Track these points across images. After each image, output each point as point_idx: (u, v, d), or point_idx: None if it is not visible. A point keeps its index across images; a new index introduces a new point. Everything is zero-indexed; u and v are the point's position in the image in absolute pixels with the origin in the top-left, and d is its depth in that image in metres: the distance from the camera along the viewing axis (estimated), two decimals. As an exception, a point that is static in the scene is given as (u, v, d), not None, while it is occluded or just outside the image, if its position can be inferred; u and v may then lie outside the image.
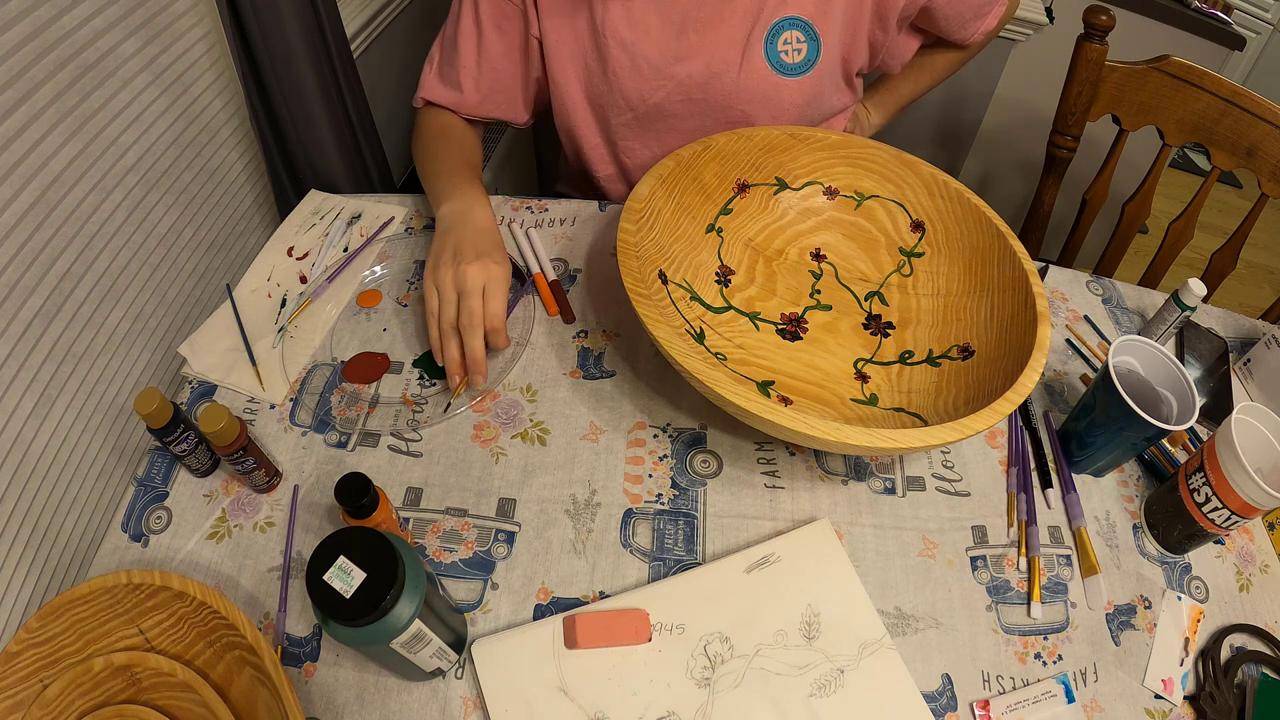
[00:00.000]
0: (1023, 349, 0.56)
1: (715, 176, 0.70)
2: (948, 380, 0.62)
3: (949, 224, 0.69)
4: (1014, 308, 0.61)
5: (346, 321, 0.70)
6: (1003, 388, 0.53)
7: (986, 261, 0.66)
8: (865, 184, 0.73)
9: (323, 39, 0.94)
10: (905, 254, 0.71)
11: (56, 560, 0.75)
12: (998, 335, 0.61)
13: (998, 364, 0.59)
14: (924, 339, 0.66)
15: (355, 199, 0.82)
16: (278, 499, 0.58)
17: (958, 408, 0.58)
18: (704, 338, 0.63)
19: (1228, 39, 1.34)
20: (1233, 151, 0.87)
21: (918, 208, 0.71)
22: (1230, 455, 0.52)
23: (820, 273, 0.72)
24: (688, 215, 0.69)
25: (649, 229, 0.63)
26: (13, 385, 0.69)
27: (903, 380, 0.64)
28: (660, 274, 0.63)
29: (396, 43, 1.39)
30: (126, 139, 0.80)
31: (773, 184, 0.73)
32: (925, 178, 0.70)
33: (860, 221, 0.74)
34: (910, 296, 0.70)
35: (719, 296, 0.68)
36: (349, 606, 0.38)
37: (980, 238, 0.66)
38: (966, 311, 0.65)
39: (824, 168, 0.73)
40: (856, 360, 0.66)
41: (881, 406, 0.62)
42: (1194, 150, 2.30)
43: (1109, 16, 0.86)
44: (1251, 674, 0.53)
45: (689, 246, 0.68)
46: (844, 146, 0.72)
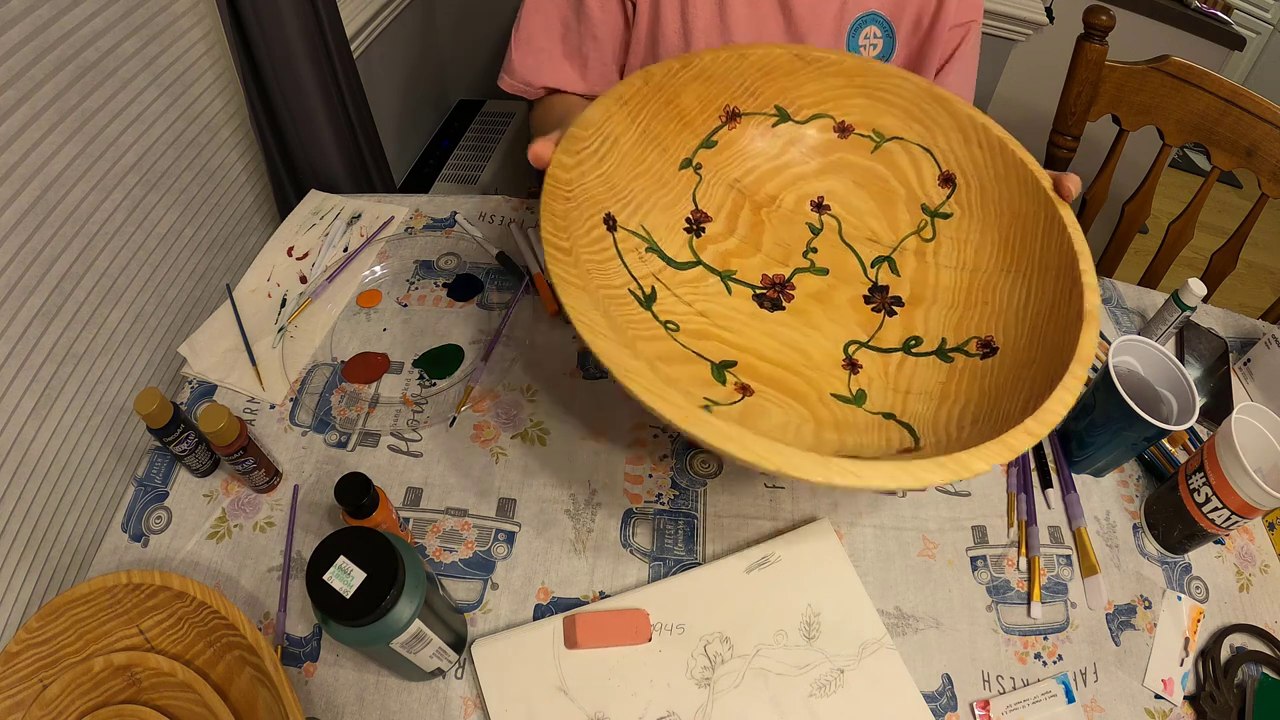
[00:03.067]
0: (1058, 356, 0.45)
1: (697, 100, 0.57)
2: (958, 382, 0.50)
3: (985, 180, 0.56)
4: (1055, 298, 0.49)
5: (346, 321, 0.70)
6: (1024, 408, 0.42)
7: (1028, 233, 0.53)
8: (886, 121, 0.60)
9: (323, 39, 0.94)
10: (929, 213, 0.58)
11: (56, 560, 0.75)
12: (1030, 331, 0.50)
13: (1024, 371, 0.47)
14: (938, 323, 0.54)
15: (355, 199, 0.82)
16: (278, 499, 0.58)
17: (961, 427, 0.46)
18: (654, 300, 0.52)
19: (1228, 39, 1.34)
20: (1233, 151, 0.87)
21: (949, 156, 0.58)
22: (1230, 455, 0.52)
23: (820, 226, 0.60)
24: (656, 146, 0.56)
25: (596, 162, 0.51)
26: (13, 385, 0.69)
27: (902, 374, 0.53)
28: (607, 218, 0.51)
29: (396, 43, 1.39)
30: (126, 139, 0.80)
31: (771, 114, 0.60)
32: (961, 119, 0.57)
33: (877, 167, 0.60)
34: (928, 267, 0.57)
35: (686, 248, 0.56)
36: (349, 606, 0.38)
37: (1023, 202, 0.54)
38: (996, 294, 0.53)
39: (836, 98, 0.60)
40: (848, 343, 0.55)
41: (868, 409, 0.51)
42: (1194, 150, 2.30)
43: (1109, 16, 0.86)
44: (1251, 674, 0.53)
45: (655, 185, 0.56)
46: (862, 74, 0.59)
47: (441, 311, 0.71)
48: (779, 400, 0.50)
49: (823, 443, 0.47)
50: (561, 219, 0.44)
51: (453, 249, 0.76)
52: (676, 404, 0.37)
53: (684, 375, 0.48)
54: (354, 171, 1.06)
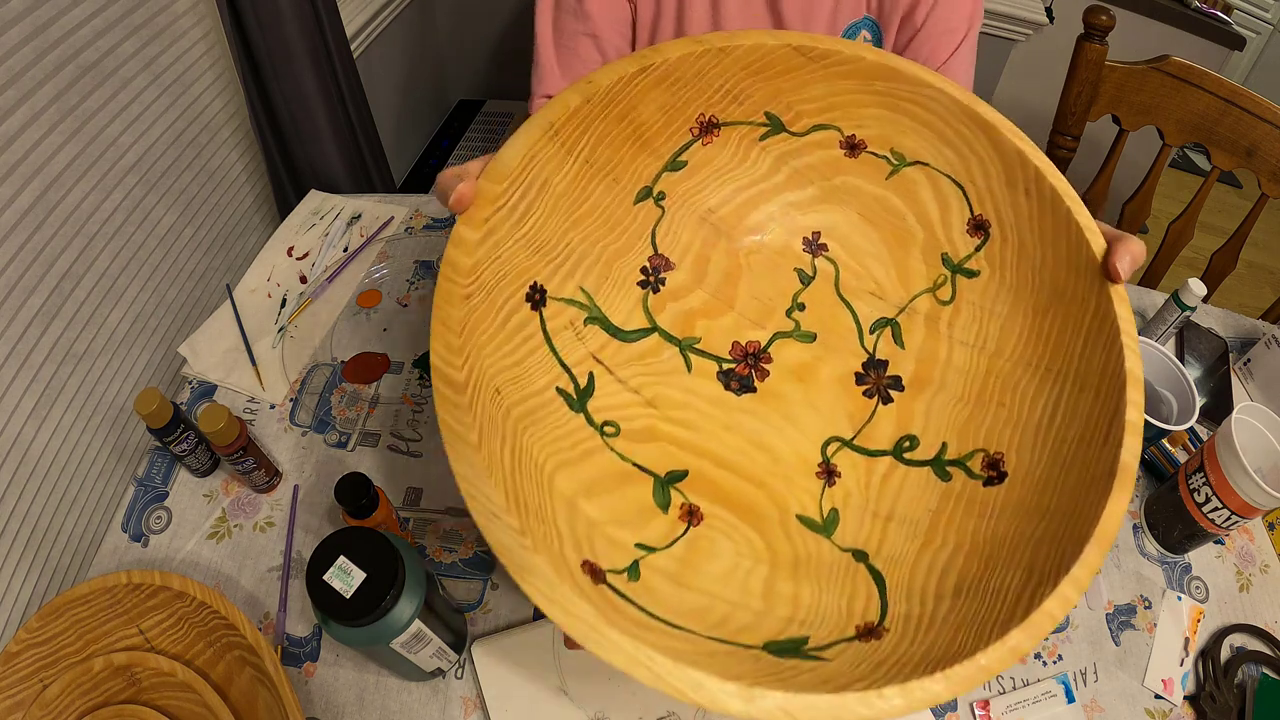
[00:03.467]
0: (1074, 520, 0.34)
1: (660, 112, 0.44)
2: (951, 515, 0.40)
3: (1028, 238, 0.43)
4: (1087, 429, 0.37)
5: (346, 321, 0.70)
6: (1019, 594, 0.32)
7: (1070, 324, 0.40)
8: (909, 142, 0.46)
9: (323, 39, 0.94)
10: (951, 266, 0.46)
11: (56, 560, 0.75)
12: (1049, 463, 0.38)
13: (1031, 524, 0.36)
14: (941, 420, 0.44)
15: (355, 199, 0.82)
16: (278, 499, 0.58)
17: (940, 597, 0.36)
18: (589, 394, 0.42)
19: (1228, 39, 1.34)
20: (1233, 151, 0.87)
21: (985, 197, 0.45)
22: (1230, 455, 0.52)
23: (812, 274, 0.48)
24: (604, 177, 0.43)
25: (515, 223, 0.39)
26: (13, 385, 0.69)
27: (887, 490, 0.42)
28: (532, 291, 0.40)
29: (396, 43, 1.39)
30: (126, 139, 0.80)
31: (760, 123, 0.46)
32: (1008, 153, 0.42)
33: (891, 199, 0.47)
34: (940, 339, 0.45)
35: (639, 310, 0.45)
36: (349, 606, 0.38)
37: (1071, 279, 0.40)
38: (1017, 396, 0.42)
39: (847, 105, 0.46)
40: (828, 441, 0.44)
41: (837, 541, 0.41)
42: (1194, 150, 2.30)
43: (1109, 16, 0.86)
44: (1251, 674, 0.53)
45: (601, 228, 0.44)
46: (885, 76, 0.44)
47: (441, 311, 0.70)
48: (732, 528, 0.41)
49: (772, 604, 0.38)
50: (457, 331, 0.34)
51: (453, 249, 0.76)
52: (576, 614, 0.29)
53: (616, 508, 0.39)
54: (354, 171, 1.06)
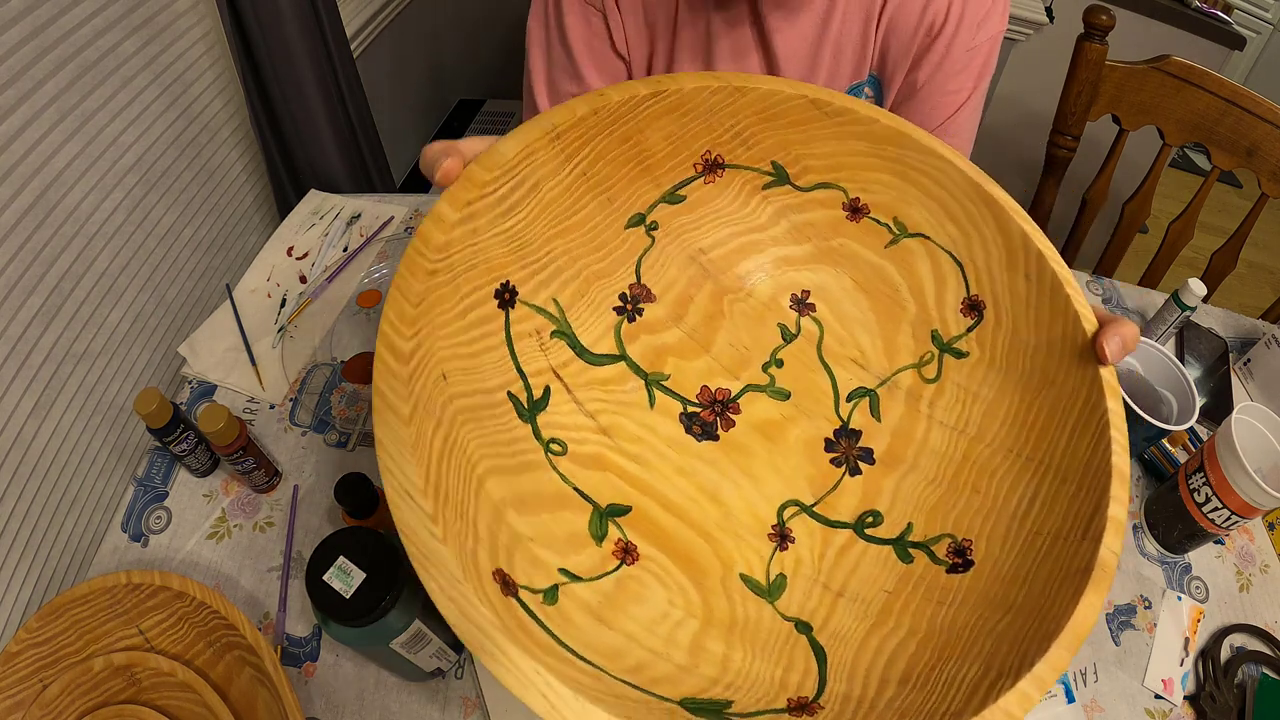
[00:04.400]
0: (1042, 617, 0.32)
1: (666, 141, 0.43)
2: (908, 600, 0.38)
3: (1022, 323, 0.42)
4: (1065, 524, 0.35)
5: (346, 321, 0.70)
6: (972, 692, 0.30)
7: (1056, 415, 0.39)
8: (914, 213, 0.45)
9: (323, 39, 0.94)
10: (940, 344, 0.45)
11: (56, 560, 0.75)
12: (1019, 555, 0.36)
13: (992, 618, 0.34)
14: (909, 500, 0.42)
15: (355, 199, 0.82)
16: (278, 499, 0.58)
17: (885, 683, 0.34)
18: (542, 406, 0.40)
19: (1228, 39, 1.34)
20: (1233, 151, 0.87)
21: (983, 278, 0.44)
22: (1230, 455, 0.52)
23: (795, 332, 0.47)
24: (599, 194, 0.42)
25: (501, 214, 0.38)
26: (13, 385, 0.69)
27: (842, 565, 0.40)
28: (502, 290, 0.39)
29: (396, 43, 1.39)
30: (126, 139, 0.80)
31: (766, 171, 0.46)
32: (1013, 234, 0.41)
33: (887, 268, 0.46)
34: (919, 418, 0.44)
35: (609, 336, 0.44)
36: (349, 606, 0.38)
37: (1063, 370, 0.39)
38: (993, 483, 0.40)
39: (855, 167, 0.45)
40: (786, 504, 0.42)
41: (780, 609, 0.38)
42: (1194, 150, 2.30)
43: (1109, 16, 0.86)
44: (1251, 674, 0.53)
45: (586, 245, 0.43)
46: (897, 142, 0.43)
47: (441, 311, 0.70)
48: (668, 576, 0.38)
49: (698, 661, 0.35)
50: (414, 302, 0.33)
51: (453, 249, 0.76)
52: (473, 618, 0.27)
53: (547, 528, 0.37)
54: (354, 171, 1.06)
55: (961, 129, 0.65)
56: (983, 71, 0.62)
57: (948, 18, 0.58)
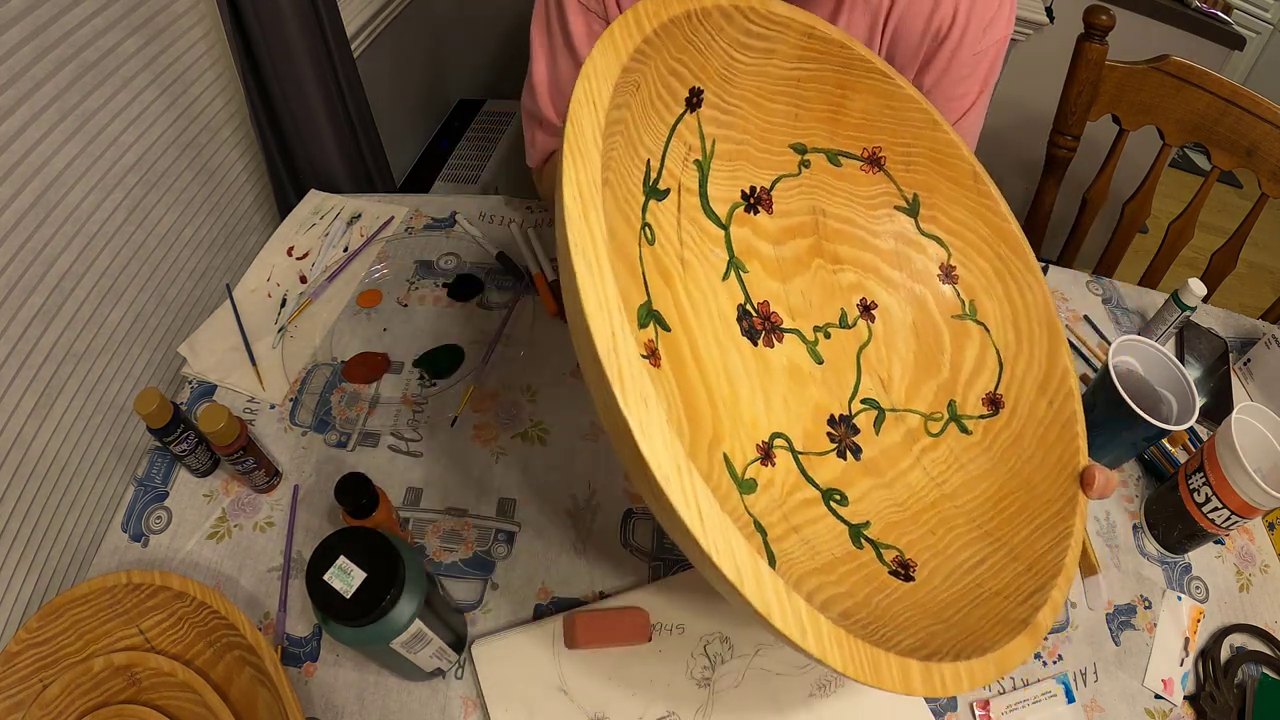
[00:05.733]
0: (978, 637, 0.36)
1: (862, 114, 0.49)
2: (851, 571, 0.41)
3: (1029, 435, 0.47)
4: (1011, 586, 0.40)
5: (346, 321, 0.70)
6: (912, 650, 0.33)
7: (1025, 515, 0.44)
8: (989, 305, 0.51)
9: (323, 39, 0.94)
10: (953, 414, 0.50)
11: (56, 560, 0.75)
12: (961, 594, 0.40)
13: (922, 621, 0.38)
14: (874, 507, 0.46)
15: (355, 199, 0.82)
16: (278, 499, 0.58)
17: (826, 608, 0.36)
18: (661, 196, 0.43)
19: (1228, 39, 1.34)
20: (1233, 151, 0.87)
21: (1015, 384, 0.49)
22: (1230, 455, 0.52)
23: (851, 324, 0.52)
24: (793, 104, 0.47)
25: (740, 43, 0.42)
26: (13, 385, 0.69)
27: (803, 513, 0.44)
28: (695, 91, 0.42)
29: (396, 43, 1.39)
30: (127, 138, 0.80)
31: (905, 198, 0.52)
32: (1057, 367, 0.48)
33: (944, 333, 0.52)
34: (909, 455, 0.48)
35: (726, 207, 0.47)
36: (349, 606, 0.38)
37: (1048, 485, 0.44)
38: (949, 537, 0.44)
39: (970, 242, 0.52)
40: (777, 434, 0.46)
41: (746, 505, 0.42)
42: (1194, 150, 2.30)
43: (1109, 16, 0.86)
44: (1251, 674, 0.53)
45: (759, 129, 0.47)
46: (1010, 246, 0.51)
47: (441, 311, 0.71)
48: (674, 398, 0.41)
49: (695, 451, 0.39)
50: (669, 20, 0.35)
51: (453, 249, 0.76)
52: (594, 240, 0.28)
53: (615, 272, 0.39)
54: (354, 171, 1.06)
55: (967, 133, 0.65)
56: (988, 75, 0.63)
57: (954, 22, 0.58)
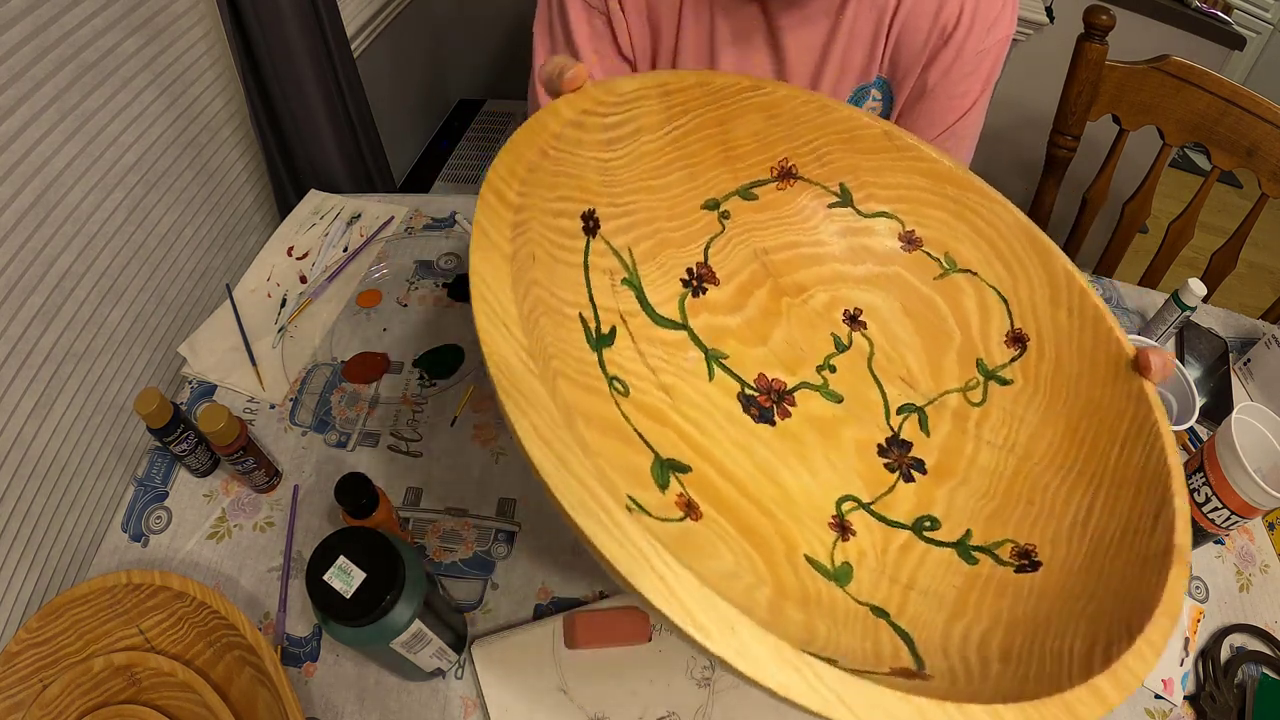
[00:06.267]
0: (1130, 600, 0.32)
1: (753, 137, 0.46)
2: (980, 595, 0.37)
3: (1066, 354, 0.44)
4: (1131, 522, 0.36)
5: (346, 321, 0.70)
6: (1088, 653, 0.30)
7: (1105, 432, 0.40)
8: (964, 250, 0.48)
9: (323, 39, 0.94)
10: (985, 372, 0.46)
11: (56, 560, 0.75)
12: (1089, 555, 0.36)
13: (1077, 605, 0.34)
14: (964, 510, 0.42)
15: (355, 199, 0.82)
16: (278, 499, 0.58)
17: (986, 660, 0.32)
18: (608, 341, 0.39)
19: (1228, 39, 1.34)
20: (1233, 151, 0.87)
21: (1027, 313, 0.46)
22: (1230, 455, 0.52)
23: (847, 344, 0.48)
24: (684, 167, 0.44)
25: (605, 142, 0.39)
26: (13, 385, 0.69)
27: (906, 562, 0.40)
28: (588, 215, 0.39)
29: (396, 43, 1.39)
30: (127, 138, 0.80)
31: (833, 191, 0.49)
32: (1056, 273, 0.45)
33: (935, 299, 0.49)
34: (967, 437, 0.45)
35: (674, 303, 0.44)
36: (349, 606, 0.38)
37: (1107, 393, 0.41)
38: (1048, 496, 0.40)
39: (915, 201, 0.49)
40: (844, 498, 0.42)
41: (852, 593, 0.37)
42: (1194, 150, 2.30)
43: (1109, 16, 0.86)
44: (1251, 674, 0.53)
45: (664, 210, 0.44)
46: (955, 183, 0.48)
47: (441, 311, 0.71)
48: (732, 539, 0.37)
49: (783, 624, 0.34)
50: (526, 168, 0.33)
51: (453, 249, 0.76)
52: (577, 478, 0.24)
53: (609, 454, 0.35)
54: (354, 171, 1.06)
55: (968, 131, 0.65)
56: (990, 75, 0.63)
57: (960, 20, 0.59)
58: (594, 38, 0.62)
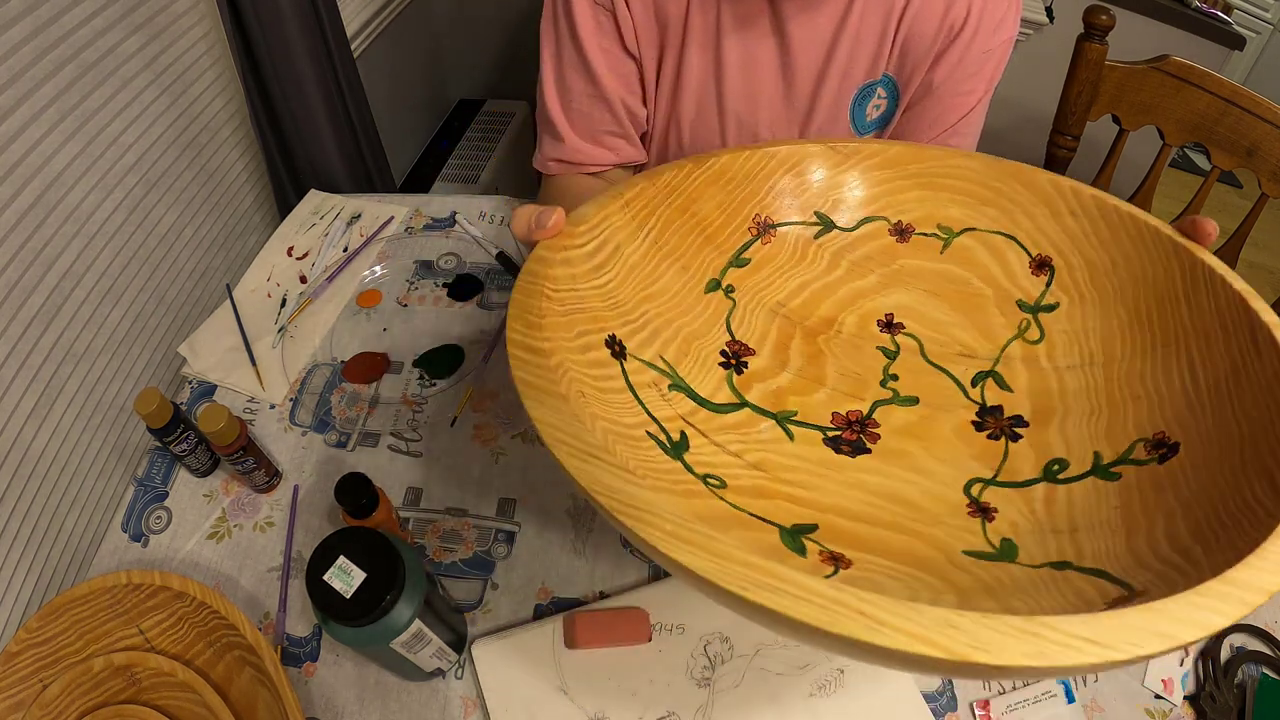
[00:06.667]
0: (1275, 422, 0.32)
1: (718, 209, 0.48)
2: (1142, 501, 0.36)
3: (1090, 253, 0.45)
4: (1234, 357, 0.36)
5: (346, 321, 0.70)
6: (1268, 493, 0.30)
7: (1165, 297, 0.41)
8: (952, 213, 0.49)
9: (323, 39, 0.94)
10: (1028, 309, 0.47)
11: (56, 560, 0.75)
12: (1215, 412, 0.36)
13: (1230, 457, 0.34)
14: (1082, 436, 0.41)
15: (355, 199, 0.82)
16: (278, 499, 0.58)
17: (1189, 550, 0.32)
18: (684, 448, 0.40)
19: (1228, 39, 1.34)
20: (1233, 151, 0.87)
21: (1037, 237, 0.47)
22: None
23: (896, 349, 0.48)
24: (673, 262, 0.46)
25: (593, 270, 0.41)
26: (13, 385, 0.69)
27: (1055, 510, 0.39)
28: (611, 341, 0.41)
29: (396, 43, 1.39)
30: (127, 138, 0.80)
31: (812, 223, 0.50)
32: (1043, 189, 0.46)
33: (951, 269, 0.49)
34: (1045, 373, 0.45)
35: (724, 387, 0.45)
36: (349, 606, 0.38)
37: (1146, 263, 0.42)
38: (1148, 382, 0.40)
39: (888, 194, 0.50)
40: (970, 482, 0.42)
41: (1025, 562, 0.37)
42: (1194, 150, 2.30)
43: (1109, 16, 0.86)
44: (1252, 674, 0.53)
45: (675, 309, 0.45)
46: (914, 160, 0.48)
47: (441, 311, 0.71)
48: (892, 570, 0.37)
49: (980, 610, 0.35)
50: (539, 316, 0.34)
51: (453, 249, 0.76)
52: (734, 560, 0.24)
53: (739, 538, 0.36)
54: (354, 171, 1.06)
55: (970, 130, 0.66)
56: (994, 75, 0.64)
57: (968, 20, 0.59)
58: (599, 33, 0.62)
